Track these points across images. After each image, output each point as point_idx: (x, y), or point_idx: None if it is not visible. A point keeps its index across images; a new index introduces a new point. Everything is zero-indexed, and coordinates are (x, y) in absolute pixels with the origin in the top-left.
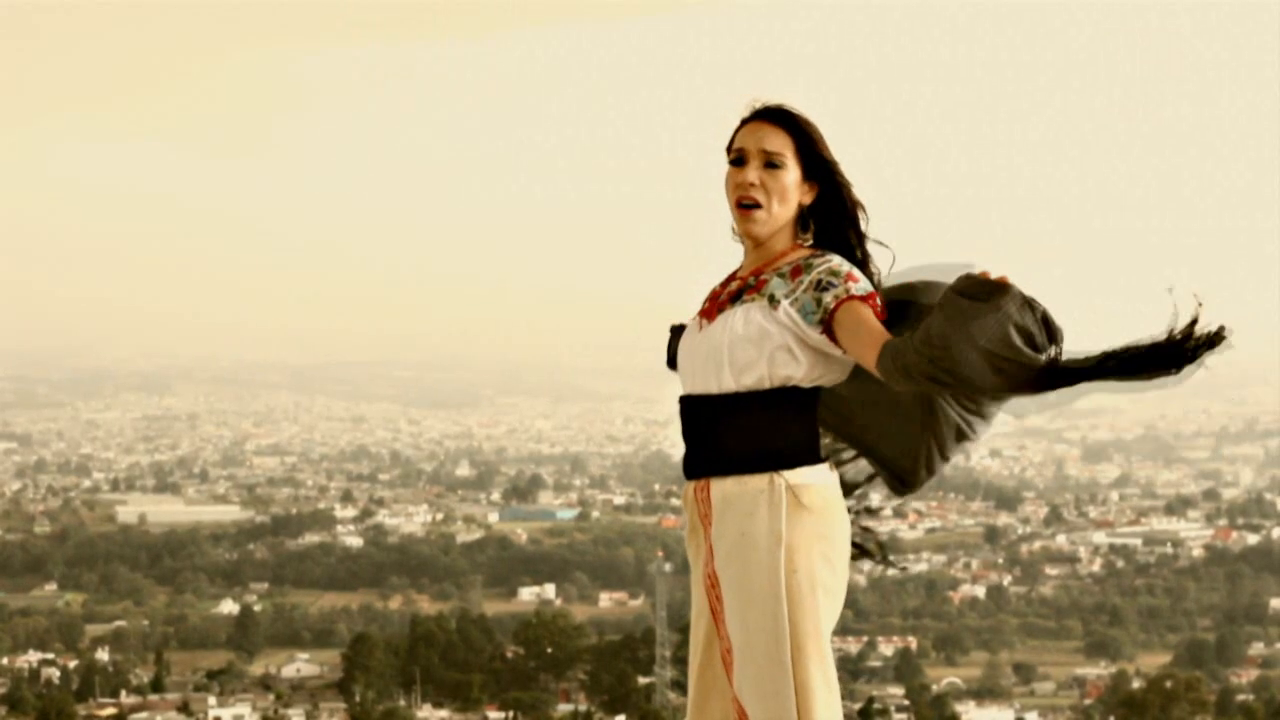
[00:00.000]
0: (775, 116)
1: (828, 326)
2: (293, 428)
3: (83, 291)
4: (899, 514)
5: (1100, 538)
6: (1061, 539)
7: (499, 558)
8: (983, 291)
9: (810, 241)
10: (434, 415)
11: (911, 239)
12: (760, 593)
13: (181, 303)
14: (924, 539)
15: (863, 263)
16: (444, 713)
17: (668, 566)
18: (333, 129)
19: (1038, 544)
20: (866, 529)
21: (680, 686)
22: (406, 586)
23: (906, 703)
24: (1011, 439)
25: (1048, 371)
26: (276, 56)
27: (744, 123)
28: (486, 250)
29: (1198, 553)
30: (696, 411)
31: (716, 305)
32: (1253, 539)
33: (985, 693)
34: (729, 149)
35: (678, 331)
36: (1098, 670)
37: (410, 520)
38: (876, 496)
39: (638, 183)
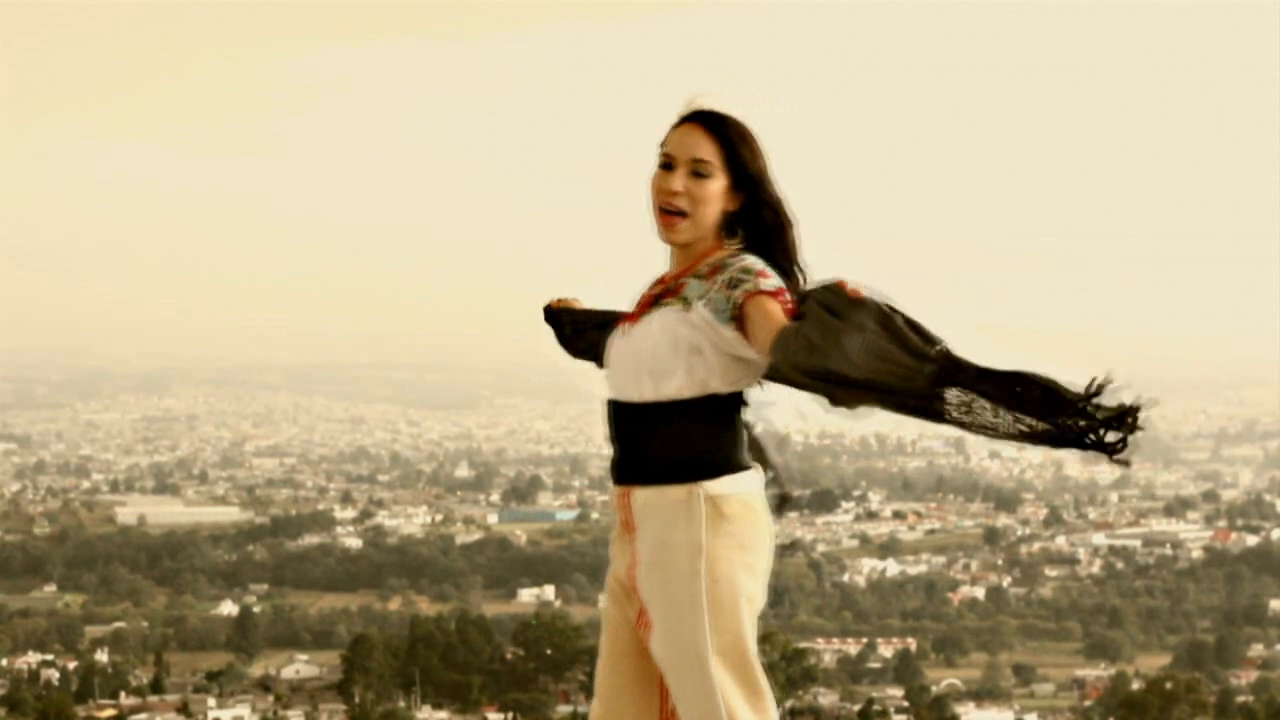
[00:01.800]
0: (708, 121)
1: (739, 322)
2: (292, 429)
3: (82, 292)
4: (898, 515)
5: (1100, 539)
6: (1061, 540)
7: (498, 559)
8: (842, 307)
9: (740, 245)
10: (433, 416)
11: (909, 237)
12: (681, 603)
13: (180, 303)
14: (923, 540)
15: (786, 275)
16: (443, 714)
17: None
18: (332, 130)
19: (1037, 545)
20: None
21: None
22: (406, 588)
23: (906, 704)
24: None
25: (940, 369)
26: (275, 57)
27: (677, 123)
28: (486, 251)
29: (1197, 554)
30: (620, 418)
31: (640, 309)
32: (1252, 540)
33: (985, 694)
34: (661, 148)
35: (552, 315)
36: (1097, 672)
37: (409, 521)
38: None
39: (640, 182)
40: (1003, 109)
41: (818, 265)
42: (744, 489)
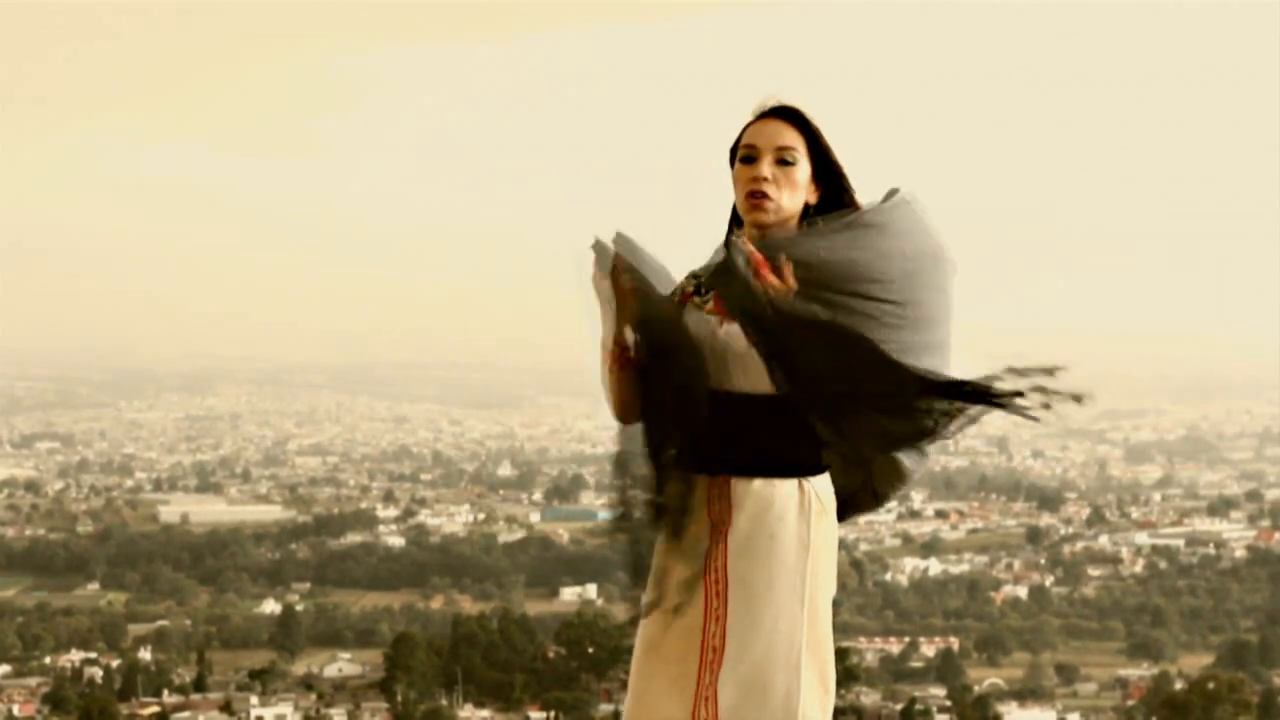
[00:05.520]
0: (788, 115)
1: None
2: (335, 428)
3: (125, 291)
4: (941, 514)
5: (1143, 538)
6: (1104, 540)
7: (541, 558)
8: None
9: None
10: (476, 415)
11: None
12: (786, 598)
13: (224, 303)
14: (966, 539)
15: None
16: (485, 713)
17: None
18: (375, 129)
19: (1080, 545)
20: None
21: None
22: (448, 586)
23: (948, 703)
24: (1054, 440)
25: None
26: (321, 57)
27: (753, 121)
28: (530, 252)
29: (1240, 553)
30: (724, 408)
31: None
32: None
33: (1027, 694)
34: (735, 148)
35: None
36: (1140, 671)
37: (452, 520)
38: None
39: (681, 184)
40: (1002, 110)
41: None
42: (831, 489)
